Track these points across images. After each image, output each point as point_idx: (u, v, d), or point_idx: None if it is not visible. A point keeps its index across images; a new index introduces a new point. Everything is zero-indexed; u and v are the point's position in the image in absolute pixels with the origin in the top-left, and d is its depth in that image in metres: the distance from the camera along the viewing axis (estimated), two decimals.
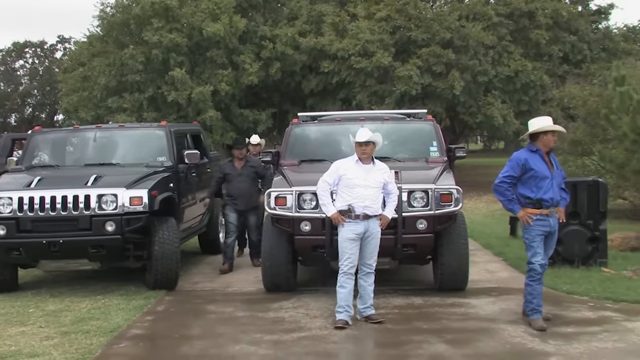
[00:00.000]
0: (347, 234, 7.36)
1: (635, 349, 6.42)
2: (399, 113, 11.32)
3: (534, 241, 7.23)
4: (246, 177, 10.80)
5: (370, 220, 7.39)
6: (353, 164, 7.45)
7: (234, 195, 10.82)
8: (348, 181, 7.37)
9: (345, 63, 25.45)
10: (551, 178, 7.20)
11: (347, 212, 7.36)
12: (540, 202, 7.16)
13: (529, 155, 7.27)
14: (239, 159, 10.90)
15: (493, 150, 54.06)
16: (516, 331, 7.11)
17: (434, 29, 24.76)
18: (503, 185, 7.29)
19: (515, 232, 13.71)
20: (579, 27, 27.65)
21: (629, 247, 11.88)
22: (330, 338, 6.98)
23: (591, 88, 18.71)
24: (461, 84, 24.05)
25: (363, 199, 7.33)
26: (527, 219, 7.19)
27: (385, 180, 7.51)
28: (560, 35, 27.29)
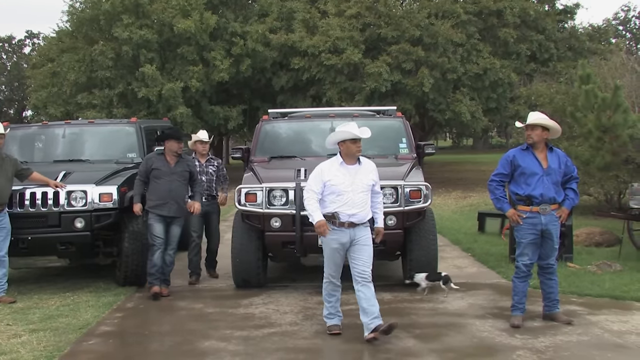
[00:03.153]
0: (330, 243, 6.75)
1: (599, 342, 6.54)
2: (368, 110, 11.40)
3: (523, 239, 7.20)
4: (179, 176, 8.89)
5: (356, 229, 6.73)
6: (337, 167, 6.75)
7: (163, 198, 8.75)
8: (333, 188, 6.67)
9: (315, 60, 25.51)
10: (542, 175, 7.10)
11: (332, 218, 6.69)
12: (529, 198, 7.11)
13: (518, 152, 7.27)
14: (173, 155, 8.94)
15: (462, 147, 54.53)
16: (484, 326, 7.20)
17: (404, 27, 24.90)
18: (492, 183, 7.32)
19: (483, 228, 13.88)
20: (545, 26, 28.01)
21: (593, 242, 12.11)
22: (300, 334, 7.03)
23: (558, 86, 18.98)
24: (430, 81, 24.22)
25: (350, 206, 6.66)
26: (516, 219, 7.17)
27: (374, 181, 6.87)
28: (527, 34, 27.62)
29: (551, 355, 6.19)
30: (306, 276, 9.79)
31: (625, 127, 11.28)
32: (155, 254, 8.74)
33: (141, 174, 8.87)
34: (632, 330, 6.88)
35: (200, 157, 9.94)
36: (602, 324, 7.18)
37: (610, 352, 6.23)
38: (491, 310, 7.83)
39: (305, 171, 8.74)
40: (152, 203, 8.77)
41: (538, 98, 18.98)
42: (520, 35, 27.31)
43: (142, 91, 25.65)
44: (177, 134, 9.08)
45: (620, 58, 19.95)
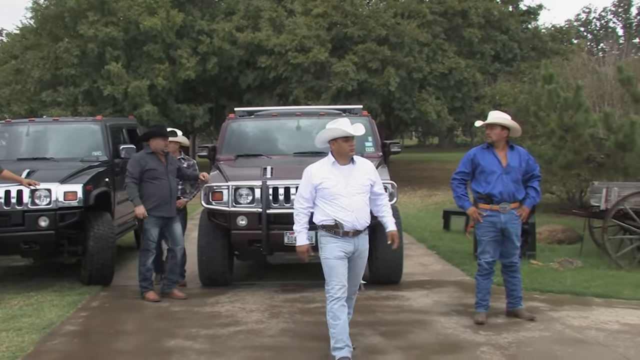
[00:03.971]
0: (335, 251, 5.97)
1: (560, 337, 6.66)
2: (334, 108, 11.44)
3: (483, 238, 7.26)
4: (173, 174, 8.69)
5: (360, 237, 6.06)
6: (329, 168, 6.04)
7: (164, 199, 8.48)
8: (326, 192, 5.95)
9: (282, 58, 25.51)
10: (501, 173, 7.14)
11: (334, 227, 5.95)
12: (489, 197, 7.16)
13: (479, 151, 7.33)
14: (161, 153, 8.59)
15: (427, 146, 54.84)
16: (448, 322, 7.28)
17: (370, 26, 25.01)
18: (454, 182, 7.39)
19: (448, 226, 14.02)
20: (509, 26, 28.35)
21: (556, 239, 12.31)
22: (266, 332, 7.05)
23: (521, 86, 19.24)
24: (396, 80, 24.35)
25: (350, 211, 5.93)
26: (476, 217, 7.23)
27: (372, 181, 6.15)
28: (492, 34, 27.92)
29: (514, 351, 6.29)
30: (272, 274, 9.82)
31: (586, 127, 11.48)
32: (150, 258, 8.52)
33: (134, 175, 8.40)
34: (591, 326, 7.02)
35: None
36: (564, 319, 7.31)
37: (571, 347, 6.35)
38: (456, 307, 7.93)
39: (271, 169, 8.77)
40: (152, 205, 8.38)
41: (502, 97, 19.24)
42: (485, 35, 27.60)
43: (107, 89, 25.42)
44: (163, 131, 8.73)
45: (581, 58, 20.27)
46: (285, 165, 9.19)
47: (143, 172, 8.41)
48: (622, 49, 21.78)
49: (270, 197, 8.51)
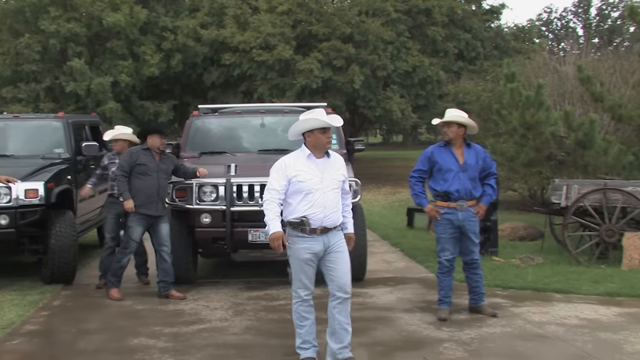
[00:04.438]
0: (300, 253, 5.65)
1: (521, 333, 6.76)
2: (299, 106, 11.45)
3: (442, 235, 7.30)
4: (165, 173, 8.46)
5: (329, 234, 5.67)
6: (304, 161, 5.66)
7: (151, 197, 8.30)
8: (301, 185, 5.57)
9: (246, 56, 25.44)
10: (458, 171, 7.16)
11: (300, 225, 5.60)
12: (446, 194, 7.18)
13: (436, 148, 7.35)
14: (156, 151, 8.45)
15: (392, 144, 55.03)
16: (412, 319, 7.34)
17: (335, 24, 25.05)
18: (412, 179, 7.40)
19: (412, 223, 14.11)
20: (472, 25, 28.64)
21: (517, 236, 12.48)
22: (230, 329, 7.04)
23: (484, 84, 19.44)
24: (361, 78, 24.43)
25: (322, 207, 5.58)
26: (434, 214, 7.26)
27: (344, 177, 5.83)
28: (455, 32, 28.18)
29: (476, 347, 6.36)
30: (236, 272, 9.81)
31: (547, 125, 11.64)
32: (127, 257, 8.43)
33: (125, 169, 8.27)
34: (552, 321, 7.13)
35: None
36: (525, 315, 7.41)
37: (532, 342, 6.44)
38: (419, 304, 7.99)
39: (235, 167, 8.76)
40: (137, 202, 8.21)
41: (465, 95, 19.42)
42: (448, 33, 27.84)
43: (70, 85, 25.10)
44: (161, 128, 8.60)
45: (543, 58, 20.51)
46: (249, 162, 9.19)
47: (133, 166, 8.26)
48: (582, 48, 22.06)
49: (234, 195, 8.50)
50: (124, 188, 8.28)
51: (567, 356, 6.08)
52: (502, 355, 6.13)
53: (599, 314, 7.40)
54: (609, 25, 57.48)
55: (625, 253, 9.76)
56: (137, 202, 8.24)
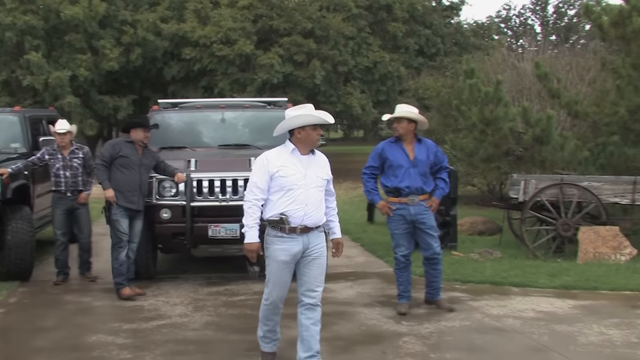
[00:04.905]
0: (277, 254, 5.33)
1: (479, 326, 6.84)
2: (259, 101, 11.44)
3: (396, 231, 7.31)
4: (146, 168, 8.31)
5: (310, 234, 5.37)
6: (287, 156, 5.36)
7: (133, 191, 8.15)
8: (283, 180, 5.27)
9: (207, 50, 25.33)
10: (408, 167, 7.16)
11: (279, 223, 5.30)
12: (397, 190, 7.19)
13: (387, 144, 7.37)
14: (142, 145, 8.32)
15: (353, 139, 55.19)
16: (372, 314, 7.38)
17: (296, 19, 25.06)
18: (364, 176, 7.42)
19: (372, 218, 14.18)
20: (433, 21, 28.88)
21: (476, 231, 12.63)
22: (190, 325, 7.01)
23: (444, 80, 19.60)
24: (322, 74, 24.49)
25: (303, 205, 5.29)
26: (386, 210, 7.27)
27: (328, 176, 5.58)
28: (415, 28, 28.39)
29: (435, 340, 6.42)
30: (196, 267, 9.77)
31: (506, 121, 11.78)
32: (123, 252, 8.11)
33: (105, 159, 8.10)
34: (509, 314, 7.23)
35: (63, 150, 8.94)
36: (483, 308, 7.51)
37: (489, 335, 6.53)
38: (379, 299, 8.04)
39: (195, 162, 8.72)
40: (119, 194, 8.04)
41: (425, 91, 19.56)
42: (409, 29, 28.04)
43: (27, 79, 24.70)
44: (145, 122, 8.43)
45: (501, 54, 20.75)
46: (210, 157, 9.16)
47: (115, 158, 8.11)
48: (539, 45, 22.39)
49: (195, 190, 8.47)
50: (104, 177, 8.08)
51: (524, 348, 6.17)
52: (460, 348, 6.20)
53: (555, 307, 7.53)
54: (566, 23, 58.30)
55: (581, 247, 9.93)
56: (120, 195, 8.06)
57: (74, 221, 9.05)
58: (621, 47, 12.60)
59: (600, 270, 9.16)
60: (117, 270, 8.11)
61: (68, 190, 8.88)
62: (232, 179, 8.53)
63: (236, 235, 8.45)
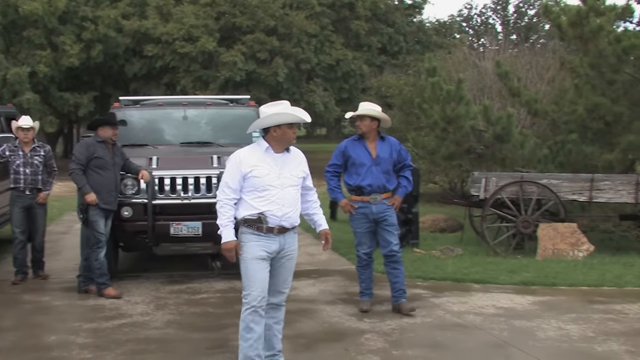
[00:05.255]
0: (255, 250, 5.13)
1: (440, 323, 6.90)
2: (222, 98, 11.39)
3: (358, 229, 7.27)
4: (119, 167, 8.21)
5: (286, 235, 5.24)
6: (261, 155, 5.15)
7: (110, 191, 8.03)
8: (257, 180, 5.08)
9: (169, 47, 25.21)
10: (371, 165, 7.11)
11: (257, 222, 5.11)
12: (359, 189, 7.16)
13: (350, 142, 7.33)
14: (111, 143, 8.19)
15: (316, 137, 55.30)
16: (334, 311, 7.39)
17: (259, 16, 25.03)
18: (327, 174, 7.37)
19: (335, 216, 14.21)
20: (395, 19, 29.04)
21: (438, 228, 12.73)
22: (151, 324, 6.96)
23: (406, 78, 19.72)
24: (285, 71, 24.49)
25: (280, 205, 5.12)
26: (348, 209, 7.22)
27: (305, 173, 5.38)
28: (378, 27, 28.53)
29: (397, 337, 6.46)
30: (158, 265, 9.70)
31: (467, 119, 11.89)
32: (102, 252, 7.96)
33: (81, 162, 7.90)
34: (470, 311, 7.31)
35: (24, 146, 8.79)
36: (444, 305, 7.57)
37: (450, 332, 6.59)
38: (341, 296, 8.06)
39: (157, 160, 8.67)
40: (98, 197, 7.86)
41: (388, 89, 19.66)
42: (372, 28, 28.16)
43: None
44: (112, 119, 8.22)
45: (463, 53, 20.93)
46: (172, 155, 9.11)
47: (90, 159, 7.93)
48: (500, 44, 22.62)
49: (156, 188, 8.41)
50: (83, 182, 7.90)
51: (484, 344, 6.24)
52: (421, 345, 6.24)
53: (515, 303, 7.63)
54: (526, 22, 59.02)
55: (540, 243, 10.08)
56: (98, 197, 7.89)
57: (31, 220, 8.88)
58: (579, 47, 12.80)
59: (558, 266, 9.31)
60: (100, 271, 7.99)
61: (27, 188, 8.73)
62: (194, 176, 8.49)
63: (198, 233, 8.43)
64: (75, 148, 8.29)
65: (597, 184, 10.34)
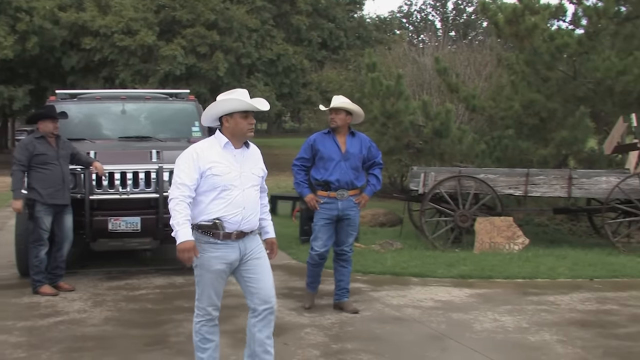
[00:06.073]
0: (211, 263, 4.61)
1: (379, 316, 6.97)
2: (161, 92, 11.29)
3: (318, 223, 7.05)
4: (65, 159, 7.95)
5: (246, 239, 4.68)
6: (220, 151, 4.62)
7: (56, 186, 7.79)
8: (217, 180, 4.54)
9: (108, 40, 24.83)
10: (340, 160, 6.90)
11: (213, 228, 4.57)
12: (327, 184, 6.96)
13: (319, 136, 7.04)
14: (53, 136, 7.93)
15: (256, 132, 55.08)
16: None
17: (199, 10, 24.83)
18: (294, 167, 7.16)
19: (275, 210, 14.22)
20: (336, 15, 29.18)
21: (378, 223, 12.84)
22: (88, 321, 6.85)
23: (347, 73, 19.82)
24: (225, 66, 24.37)
25: (241, 208, 4.59)
26: (313, 204, 7.02)
27: (264, 172, 4.90)
28: (319, 22, 28.62)
29: (337, 331, 6.49)
30: (96, 262, 9.56)
31: (406, 114, 12.02)
32: (43, 250, 7.78)
33: (22, 162, 7.65)
34: (409, 304, 7.40)
35: None
36: (384, 299, 7.64)
37: (389, 325, 6.65)
38: (281, 291, 8.04)
39: (95, 154, 8.53)
40: (44, 192, 7.66)
41: (328, 84, 19.74)
42: (312, 23, 28.24)
43: None
44: (52, 112, 7.94)
45: (403, 48, 21.13)
46: (110, 149, 8.98)
47: (31, 157, 7.70)
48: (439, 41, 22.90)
49: (94, 183, 8.29)
50: (19, 185, 7.68)
51: (423, 337, 6.32)
52: (361, 338, 6.29)
53: (452, 296, 7.76)
54: (465, 19, 59.91)
55: (477, 237, 10.25)
56: (45, 193, 7.69)
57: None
58: (515, 44, 13.07)
59: (495, 259, 9.50)
60: (37, 268, 7.81)
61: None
62: (133, 171, 8.40)
63: (137, 228, 8.35)
64: (15, 150, 8.08)
65: (532, 179, 10.56)
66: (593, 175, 10.54)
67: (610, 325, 6.66)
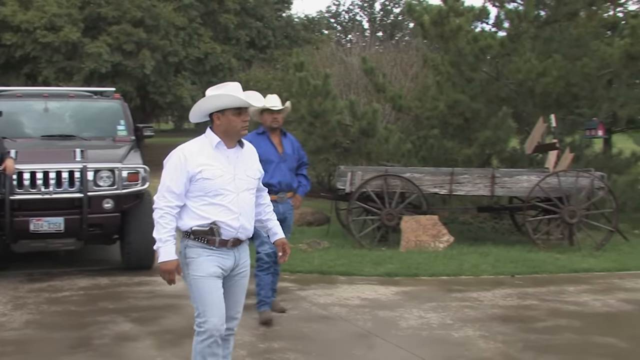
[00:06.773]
0: (206, 265, 4.22)
1: (307, 315, 7.00)
2: (85, 90, 11.09)
3: None
4: None
5: (240, 248, 4.38)
6: (212, 151, 4.25)
7: None
8: (208, 184, 4.17)
9: (30, 36, 24.20)
10: (279, 161, 6.76)
11: (208, 234, 4.21)
12: (269, 186, 6.39)
13: (254, 137, 6.66)
14: None
15: (184, 130, 54.52)
16: None
17: (125, 7, 24.46)
18: None
19: None
20: (264, 14, 29.14)
21: (305, 222, 12.88)
22: (8, 325, 6.67)
23: (274, 72, 19.80)
24: (152, 64, 24.08)
25: (237, 213, 4.24)
26: None
27: (261, 173, 4.56)
28: (247, 20, 28.53)
29: (264, 331, 6.50)
30: (17, 264, 9.33)
31: (334, 114, 12.09)
32: None
33: None
34: (335, 302, 7.45)
35: None
36: (311, 298, 7.68)
37: (316, 324, 6.70)
38: None
39: (16, 153, 8.33)
40: None
41: (256, 83, 19.69)
42: (241, 21, 28.13)
43: None
44: None
45: (330, 48, 21.25)
46: (32, 148, 8.79)
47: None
48: (367, 41, 23.12)
49: (15, 182, 8.09)
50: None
51: (349, 335, 6.38)
52: (288, 337, 6.31)
53: (379, 294, 7.85)
54: (392, 20, 60.50)
55: (403, 235, 10.39)
56: None
57: None
58: (440, 46, 13.30)
59: (420, 257, 9.64)
60: None
61: None
62: (56, 170, 8.22)
63: (60, 229, 8.19)
64: None
65: (456, 178, 10.76)
66: (515, 174, 10.81)
67: (529, 319, 6.86)
